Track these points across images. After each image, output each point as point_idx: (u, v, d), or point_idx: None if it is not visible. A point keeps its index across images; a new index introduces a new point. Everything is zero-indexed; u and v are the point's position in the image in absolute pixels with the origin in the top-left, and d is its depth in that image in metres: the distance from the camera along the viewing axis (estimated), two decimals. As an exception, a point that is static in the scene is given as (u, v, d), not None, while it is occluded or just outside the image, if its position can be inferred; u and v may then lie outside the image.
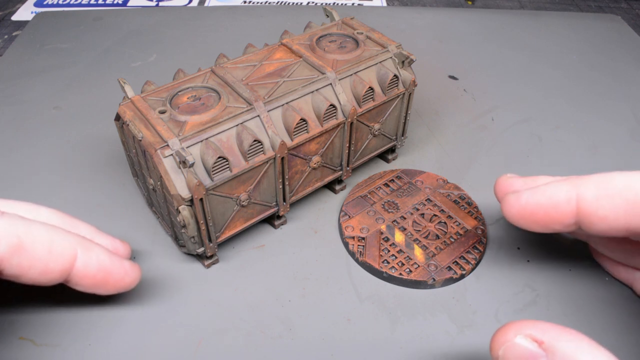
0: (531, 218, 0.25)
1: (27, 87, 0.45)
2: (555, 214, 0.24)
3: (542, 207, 0.24)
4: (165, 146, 0.26)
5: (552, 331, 0.20)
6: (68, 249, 0.24)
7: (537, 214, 0.24)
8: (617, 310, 0.29)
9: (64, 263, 0.24)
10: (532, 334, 0.20)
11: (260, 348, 0.27)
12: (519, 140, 0.41)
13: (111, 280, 0.26)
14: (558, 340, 0.19)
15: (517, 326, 0.20)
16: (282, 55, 0.33)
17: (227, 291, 0.30)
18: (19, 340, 0.27)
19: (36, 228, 0.23)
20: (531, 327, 0.20)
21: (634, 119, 0.43)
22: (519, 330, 0.20)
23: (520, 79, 0.48)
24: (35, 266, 0.23)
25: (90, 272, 0.25)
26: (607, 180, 0.23)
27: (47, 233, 0.24)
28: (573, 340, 0.19)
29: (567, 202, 0.23)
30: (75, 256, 0.24)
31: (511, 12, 0.61)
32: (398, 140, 0.37)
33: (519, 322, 0.20)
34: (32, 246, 0.23)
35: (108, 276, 0.26)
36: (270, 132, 0.29)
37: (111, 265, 0.26)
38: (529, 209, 0.25)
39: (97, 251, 0.25)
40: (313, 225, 0.34)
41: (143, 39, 0.53)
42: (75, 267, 0.24)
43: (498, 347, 0.20)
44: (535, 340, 0.20)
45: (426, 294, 0.30)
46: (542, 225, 0.25)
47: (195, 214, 0.27)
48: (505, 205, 0.26)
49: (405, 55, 0.33)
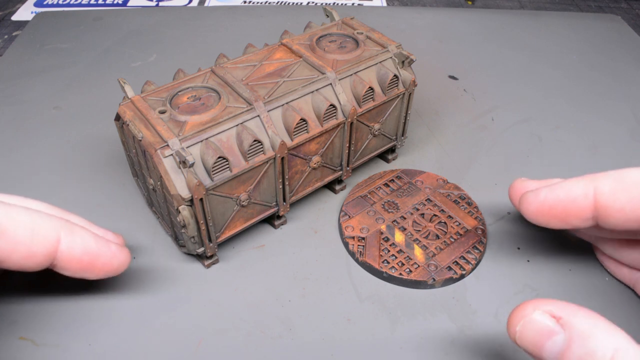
0: (550, 213, 0.25)
1: (27, 87, 0.45)
2: (573, 208, 0.24)
3: (561, 202, 0.25)
4: (165, 146, 0.26)
5: (570, 308, 0.20)
6: (51, 231, 0.24)
7: (555, 209, 0.25)
8: (617, 310, 0.29)
9: (48, 246, 0.24)
10: (550, 310, 0.20)
11: (260, 348, 0.27)
12: (519, 140, 0.41)
13: (98, 263, 0.25)
14: (575, 317, 0.20)
15: (535, 303, 0.21)
16: (282, 55, 0.33)
17: (227, 291, 0.30)
18: (19, 340, 0.27)
19: (17, 212, 0.23)
20: (549, 304, 0.20)
21: (634, 119, 0.43)
22: (537, 307, 0.20)
23: (520, 79, 0.48)
24: (17, 250, 0.23)
25: (75, 255, 0.24)
26: (622, 174, 0.23)
27: (29, 216, 0.23)
28: (590, 318, 0.20)
29: (584, 196, 0.24)
30: (59, 239, 0.24)
31: (511, 12, 0.61)
32: (398, 140, 0.37)
33: (536, 300, 0.21)
34: (13, 230, 0.22)
35: (95, 259, 0.25)
36: (270, 132, 0.29)
37: (97, 248, 0.25)
38: (548, 205, 0.25)
39: (81, 234, 0.25)
40: (313, 225, 0.34)
41: (143, 39, 0.53)
42: (59, 250, 0.24)
43: (516, 322, 0.21)
44: (554, 316, 0.20)
45: (426, 294, 0.30)
46: (560, 220, 0.25)
47: (195, 214, 0.27)
48: (524, 203, 0.26)
49: (405, 55, 0.33)
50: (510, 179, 0.37)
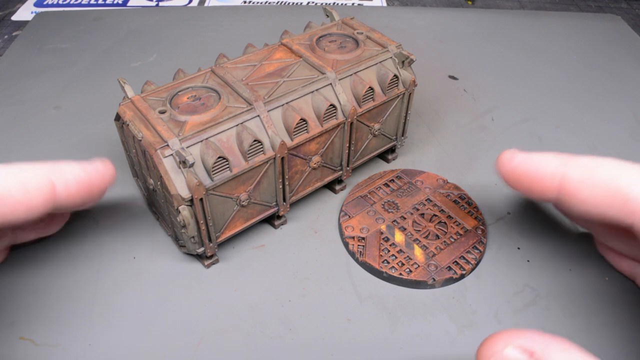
0: (517, 181, 0.25)
1: (27, 87, 0.45)
2: (539, 183, 0.24)
3: (530, 174, 0.25)
4: (165, 146, 0.26)
5: (542, 340, 0.19)
6: (42, 179, 0.24)
7: (522, 179, 0.25)
8: (617, 310, 0.29)
9: (45, 195, 0.24)
10: (522, 344, 0.19)
11: (260, 348, 0.27)
12: (519, 140, 0.41)
13: (94, 188, 0.26)
14: (549, 349, 0.19)
15: (505, 336, 0.19)
16: (282, 55, 0.33)
17: (227, 291, 0.30)
18: (19, 340, 0.27)
19: (2, 173, 0.23)
20: (520, 337, 0.19)
21: (634, 119, 0.43)
22: (508, 341, 0.19)
23: (520, 79, 0.48)
24: (17, 209, 0.23)
25: (72, 190, 0.25)
26: (595, 166, 0.23)
27: (15, 175, 0.23)
28: (564, 350, 0.18)
29: (552, 176, 0.24)
30: (52, 183, 0.24)
31: (511, 12, 0.61)
32: (398, 140, 0.37)
33: (507, 331, 0.19)
34: (5, 192, 0.22)
35: (90, 186, 0.25)
36: (270, 132, 0.29)
37: (87, 175, 0.25)
38: (518, 172, 0.25)
39: (68, 169, 0.25)
40: (313, 225, 0.34)
41: (143, 39, 0.53)
42: (57, 193, 0.24)
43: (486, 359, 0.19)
44: (526, 350, 0.19)
45: (426, 294, 0.30)
46: (525, 189, 0.25)
47: (195, 214, 0.27)
48: (500, 161, 0.26)
49: (405, 55, 0.33)
50: (510, 179, 0.37)
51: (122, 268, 0.30)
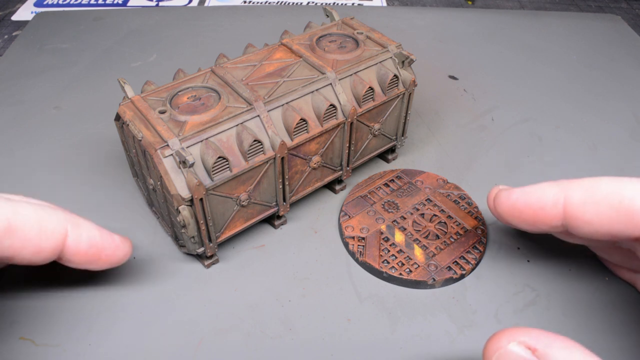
0: (520, 217, 0.25)
1: (27, 87, 0.45)
2: (542, 215, 0.24)
3: (531, 207, 0.24)
4: (165, 146, 0.26)
5: (545, 338, 0.19)
6: (58, 226, 0.24)
7: (525, 213, 0.25)
8: (617, 310, 0.29)
9: (55, 241, 0.24)
10: (525, 341, 0.20)
11: (260, 348, 0.27)
12: (519, 140, 0.41)
13: (103, 255, 0.26)
14: (551, 347, 0.19)
15: (509, 333, 0.20)
16: (282, 55, 0.33)
17: (227, 291, 0.30)
18: (19, 340, 0.27)
19: (24, 208, 0.23)
20: (524, 334, 0.20)
21: (634, 119, 0.43)
22: (512, 337, 0.20)
23: (520, 79, 0.48)
24: (27, 246, 0.23)
25: (82, 248, 0.25)
26: (594, 185, 0.23)
27: (35, 212, 0.23)
28: (566, 348, 0.19)
29: (554, 204, 0.24)
30: (66, 233, 0.24)
31: (511, 12, 0.61)
32: (398, 140, 0.37)
33: (511, 329, 0.20)
34: (22, 227, 0.23)
35: (100, 251, 0.26)
36: (270, 132, 0.29)
37: (102, 240, 0.26)
38: (518, 208, 0.25)
39: (87, 227, 0.25)
40: (313, 225, 0.34)
41: (143, 39, 0.53)
42: (66, 245, 0.24)
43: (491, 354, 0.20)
44: (529, 347, 0.19)
45: (426, 294, 0.30)
46: (530, 224, 0.25)
47: (195, 214, 0.27)
48: (497, 201, 0.26)
49: (405, 55, 0.33)
50: (511, 179, 0.37)
51: (122, 268, 0.30)
